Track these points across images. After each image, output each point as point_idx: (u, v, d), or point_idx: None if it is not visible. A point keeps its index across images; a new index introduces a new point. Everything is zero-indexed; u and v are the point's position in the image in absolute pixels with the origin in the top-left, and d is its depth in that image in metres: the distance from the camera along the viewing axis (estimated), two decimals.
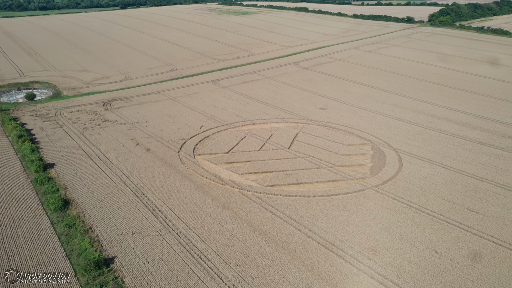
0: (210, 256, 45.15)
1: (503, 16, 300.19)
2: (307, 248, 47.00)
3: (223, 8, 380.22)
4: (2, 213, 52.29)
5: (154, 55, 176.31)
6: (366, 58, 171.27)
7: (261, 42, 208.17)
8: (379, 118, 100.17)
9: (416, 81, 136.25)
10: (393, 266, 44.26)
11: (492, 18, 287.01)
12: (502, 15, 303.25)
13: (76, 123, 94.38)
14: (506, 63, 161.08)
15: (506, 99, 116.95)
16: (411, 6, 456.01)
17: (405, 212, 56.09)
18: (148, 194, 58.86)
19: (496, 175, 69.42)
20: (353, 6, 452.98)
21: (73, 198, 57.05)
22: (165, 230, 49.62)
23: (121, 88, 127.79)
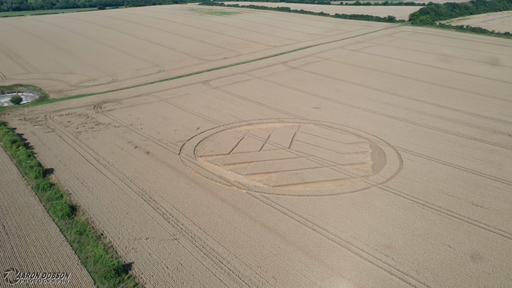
0: (229, 258, 44.68)
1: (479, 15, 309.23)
2: (324, 247, 47.11)
3: (204, 8, 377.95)
4: (7, 221, 50.37)
5: (140, 56, 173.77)
6: (353, 57, 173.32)
7: (247, 42, 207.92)
8: (372, 116, 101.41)
9: (404, 79, 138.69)
10: (411, 262, 44.85)
11: (469, 17, 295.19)
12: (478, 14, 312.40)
13: (68, 126, 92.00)
14: (489, 60, 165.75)
15: (492, 95, 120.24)
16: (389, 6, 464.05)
17: (412, 209, 56.94)
18: (156, 198, 57.83)
19: (494, 170, 71.27)
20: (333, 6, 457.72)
21: (78, 204, 55.50)
22: (179, 234, 48.83)
23: (110, 90, 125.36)
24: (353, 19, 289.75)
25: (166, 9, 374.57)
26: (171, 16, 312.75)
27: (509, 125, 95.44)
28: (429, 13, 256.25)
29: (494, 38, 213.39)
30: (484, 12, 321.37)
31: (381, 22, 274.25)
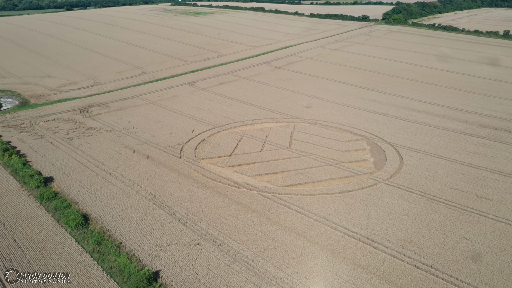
0: (257, 260, 44.26)
1: (447, 14, 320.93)
2: (347, 245, 47.49)
3: (177, 8, 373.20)
4: (17, 234, 47.83)
5: (119, 58, 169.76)
6: (334, 56, 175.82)
7: (227, 42, 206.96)
8: (363, 114, 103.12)
9: (387, 77, 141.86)
10: (433, 255, 45.91)
11: (439, 15, 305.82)
12: (446, 13, 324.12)
13: (57, 132, 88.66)
14: (462, 57, 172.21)
15: (472, 91, 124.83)
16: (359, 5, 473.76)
17: (422, 203, 58.31)
18: (168, 203, 56.53)
19: (489, 162, 74.01)
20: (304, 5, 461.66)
21: (88, 212, 53.46)
22: (201, 239, 47.93)
23: (93, 93, 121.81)
24: (328, 19, 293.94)
25: (138, 10, 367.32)
26: (145, 17, 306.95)
27: (493, 119, 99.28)
28: (401, 12, 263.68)
29: (464, 35, 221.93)
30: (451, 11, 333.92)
31: (356, 21, 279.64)
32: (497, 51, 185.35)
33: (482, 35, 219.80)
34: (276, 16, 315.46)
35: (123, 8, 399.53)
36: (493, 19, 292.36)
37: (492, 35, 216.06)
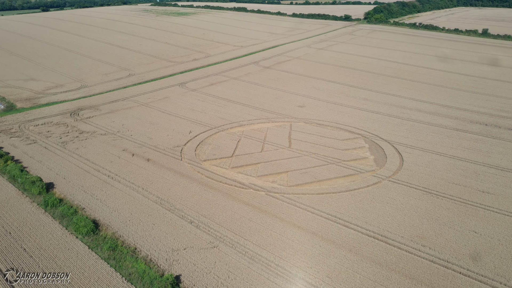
0: (276, 261, 44.12)
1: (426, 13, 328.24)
2: (363, 243, 47.89)
3: (158, 9, 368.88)
4: (26, 243, 46.18)
5: (104, 60, 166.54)
6: (321, 56, 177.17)
7: (213, 43, 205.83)
8: (357, 113, 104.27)
9: (375, 76, 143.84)
10: (448, 250, 46.79)
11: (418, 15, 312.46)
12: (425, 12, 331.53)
13: (49, 137, 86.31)
14: (447, 55, 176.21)
15: (459, 88, 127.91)
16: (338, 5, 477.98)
17: (428, 199, 59.36)
18: (178, 206, 55.74)
19: (485, 158, 75.97)
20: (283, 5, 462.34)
21: (97, 218, 52.14)
22: (217, 241, 47.44)
23: (82, 96, 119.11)
24: (311, 18, 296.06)
25: (118, 10, 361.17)
26: (126, 18, 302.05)
27: (482, 115, 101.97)
28: (382, 12, 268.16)
29: (445, 34, 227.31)
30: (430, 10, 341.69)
31: (339, 21, 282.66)
32: (478, 49, 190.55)
33: (462, 33, 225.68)
34: (259, 16, 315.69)
35: (102, 8, 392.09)
36: (470, 18, 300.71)
37: (471, 34, 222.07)
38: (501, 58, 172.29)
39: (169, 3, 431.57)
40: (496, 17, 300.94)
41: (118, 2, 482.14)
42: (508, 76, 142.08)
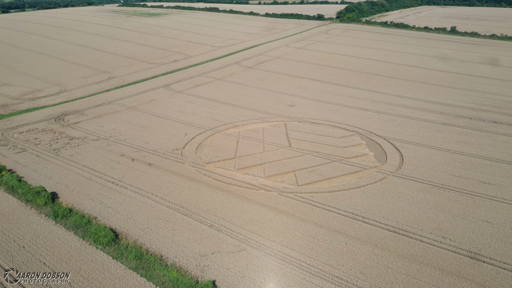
0: (307, 260, 44.11)
1: (394, 12, 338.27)
2: (386, 238, 48.72)
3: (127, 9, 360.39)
4: (44, 257, 43.81)
5: (80, 63, 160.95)
6: (301, 55, 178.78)
7: (190, 43, 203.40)
8: (347, 110, 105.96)
9: (357, 74, 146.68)
10: (467, 240, 48.39)
11: (387, 13, 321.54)
12: (393, 11, 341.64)
13: (38, 144, 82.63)
14: (420, 53, 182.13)
15: (438, 84, 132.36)
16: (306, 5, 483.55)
17: (435, 192, 61.15)
18: (193, 210, 54.63)
19: (477, 150, 79.08)
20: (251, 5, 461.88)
21: (112, 227, 50.24)
22: (243, 244, 46.87)
23: (64, 101, 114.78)
24: (285, 18, 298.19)
25: (85, 11, 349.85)
26: (95, 19, 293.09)
27: (465, 110, 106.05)
28: (354, 11, 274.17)
29: (416, 32, 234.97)
30: (397, 9, 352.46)
31: (312, 20, 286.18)
32: (449, 46, 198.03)
33: (432, 31, 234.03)
34: (232, 16, 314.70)
35: (67, 9, 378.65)
36: (436, 16, 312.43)
37: (440, 31, 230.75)
38: (472, 54, 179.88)
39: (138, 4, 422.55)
40: (460, 15, 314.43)
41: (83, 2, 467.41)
42: (481, 72, 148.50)
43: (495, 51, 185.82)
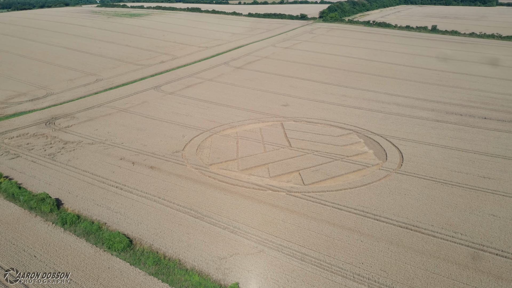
0: (327, 259, 44.23)
1: (374, 11, 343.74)
2: (399, 234, 49.37)
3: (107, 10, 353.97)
4: (59, 266, 42.45)
5: (65, 65, 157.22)
6: (289, 54, 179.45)
7: (176, 44, 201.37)
8: (340, 109, 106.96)
9: (346, 73, 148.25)
10: (477, 234, 49.52)
11: (368, 13, 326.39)
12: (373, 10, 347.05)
13: (32, 149, 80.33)
14: (406, 51, 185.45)
15: (426, 82, 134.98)
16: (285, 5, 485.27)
17: (439, 187, 62.35)
18: (204, 212, 54.06)
19: (472, 146, 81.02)
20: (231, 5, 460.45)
21: (124, 232, 49.14)
22: (260, 245, 46.63)
23: (52, 104, 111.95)
24: (268, 18, 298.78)
25: (64, 12, 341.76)
26: (75, 20, 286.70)
27: (454, 106, 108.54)
28: (336, 10, 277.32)
29: (398, 31, 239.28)
30: (377, 8, 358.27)
31: (295, 20, 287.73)
32: (431, 44, 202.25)
33: (413, 30, 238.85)
34: (215, 16, 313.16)
35: (44, 10, 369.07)
36: (416, 15, 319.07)
37: (422, 30, 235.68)
38: (454, 52, 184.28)
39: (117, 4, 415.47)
40: (439, 14, 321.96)
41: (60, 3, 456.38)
42: (465, 69, 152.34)
43: (476, 49, 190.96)
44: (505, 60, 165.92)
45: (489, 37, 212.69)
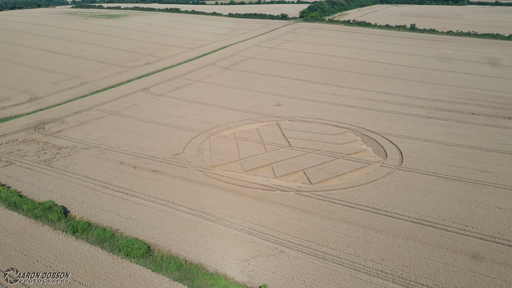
0: (349, 258, 44.54)
1: (353, 10, 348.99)
2: (414, 229, 50.27)
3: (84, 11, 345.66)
4: (78, 276, 41.05)
5: (47, 68, 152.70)
6: (274, 54, 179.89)
7: (160, 45, 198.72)
8: (332, 108, 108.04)
9: (333, 71, 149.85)
10: (487, 226, 50.96)
11: (346, 12, 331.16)
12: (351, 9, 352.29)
13: (25, 156, 77.72)
14: (388, 49, 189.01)
15: (411, 79, 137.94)
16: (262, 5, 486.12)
17: (442, 182, 63.82)
18: (217, 215, 53.51)
19: (465, 141, 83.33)
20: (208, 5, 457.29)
21: (140, 238, 48.08)
22: (280, 246, 46.52)
23: (38, 109, 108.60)
24: (249, 18, 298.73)
25: (39, 14, 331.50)
26: (51, 21, 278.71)
27: (442, 103, 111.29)
28: (316, 10, 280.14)
29: (378, 30, 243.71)
30: (355, 8, 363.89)
31: (276, 20, 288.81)
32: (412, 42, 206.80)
33: (393, 29, 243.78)
34: (195, 17, 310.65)
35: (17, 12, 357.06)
36: (393, 14, 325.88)
37: (401, 29, 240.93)
38: (435, 50, 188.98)
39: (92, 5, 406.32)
40: (415, 13, 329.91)
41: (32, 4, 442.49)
42: (447, 66, 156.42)
43: (454, 47, 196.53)
44: (484, 58, 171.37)
45: (466, 35, 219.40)
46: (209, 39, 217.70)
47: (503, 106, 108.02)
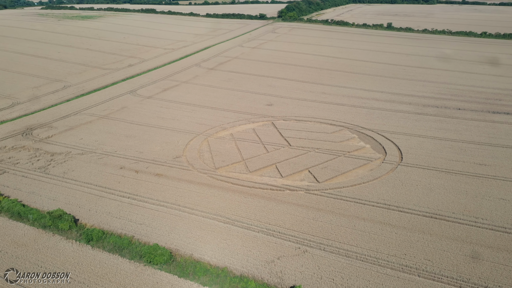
0: (372, 254, 45.15)
1: (328, 10, 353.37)
2: (427, 223, 51.44)
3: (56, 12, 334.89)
4: (101, 285, 39.69)
5: (25, 72, 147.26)
6: (258, 54, 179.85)
7: (141, 47, 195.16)
8: (324, 106, 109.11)
9: (319, 70, 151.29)
10: (496, 217, 52.74)
11: (323, 12, 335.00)
12: (327, 9, 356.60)
13: (17, 163, 74.87)
14: (368, 48, 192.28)
15: (395, 77, 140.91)
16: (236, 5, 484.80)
17: (445, 177, 65.58)
18: (232, 217, 53.05)
19: (458, 135, 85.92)
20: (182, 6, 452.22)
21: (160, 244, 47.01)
22: (303, 246, 46.61)
23: (22, 114, 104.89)
24: (227, 18, 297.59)
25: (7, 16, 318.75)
26: (23, 23, 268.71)
27: (428, 99, 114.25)
28: (294, 10, 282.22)
29: (357, 29, 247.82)
30: (330, 7, 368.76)
31: (255, 19, 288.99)
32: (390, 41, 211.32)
33: (370, 27, 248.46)
34: (172, 18, 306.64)
35: None
36: (368, 13, 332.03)
37: (378, 28, 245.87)
38: (414, 48, 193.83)
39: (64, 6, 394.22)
40: (390, 12, 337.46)
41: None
42: (427, 63, 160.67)
43: (431, 44, 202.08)
44: (461, 54, 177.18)
45: (441, 33, 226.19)
46: (190, 39, 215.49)
47: (486, 101, 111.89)
